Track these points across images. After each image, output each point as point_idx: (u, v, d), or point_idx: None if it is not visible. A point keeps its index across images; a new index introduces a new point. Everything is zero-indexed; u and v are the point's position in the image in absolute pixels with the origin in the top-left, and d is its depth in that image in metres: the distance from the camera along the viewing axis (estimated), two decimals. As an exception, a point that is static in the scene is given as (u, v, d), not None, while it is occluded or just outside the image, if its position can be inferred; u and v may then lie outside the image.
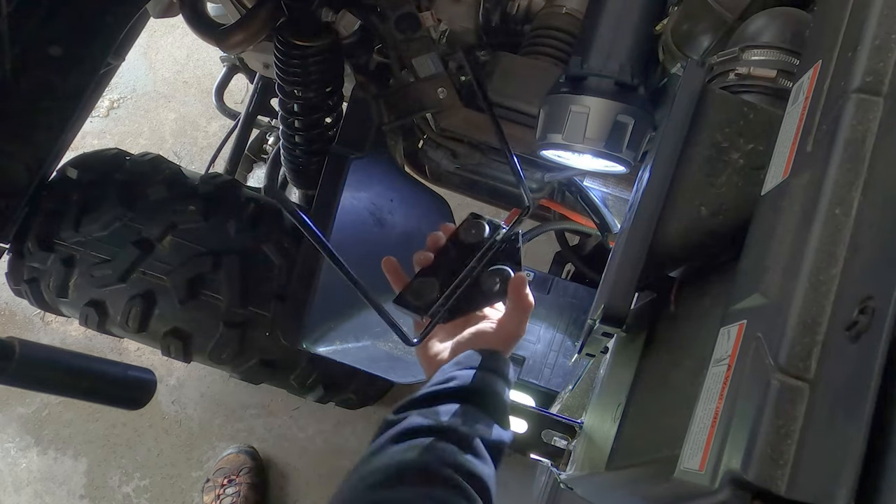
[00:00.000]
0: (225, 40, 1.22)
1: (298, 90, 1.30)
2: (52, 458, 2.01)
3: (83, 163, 1.40)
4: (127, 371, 0.94)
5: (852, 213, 0.49)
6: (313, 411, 1.98)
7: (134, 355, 2.10)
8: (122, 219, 1.31)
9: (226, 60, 1.85)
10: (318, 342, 1.24)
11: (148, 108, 2.51)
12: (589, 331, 0.79)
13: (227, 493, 1.85)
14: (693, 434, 0.54)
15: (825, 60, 0.59)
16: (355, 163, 1.24)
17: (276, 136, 1.79)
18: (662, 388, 0.73)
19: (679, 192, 0.70)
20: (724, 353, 0.55)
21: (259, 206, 1.37)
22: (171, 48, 2.60)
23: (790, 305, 0.48)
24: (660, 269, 0.76)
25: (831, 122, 0.54)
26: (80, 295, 1.33)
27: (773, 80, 0.82)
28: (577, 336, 1.43)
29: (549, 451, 0.99)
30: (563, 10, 1.28)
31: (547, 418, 1.01)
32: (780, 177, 0.60)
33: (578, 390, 1.12)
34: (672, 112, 0.72)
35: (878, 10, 0.54)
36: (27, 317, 2.20)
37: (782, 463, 0.44)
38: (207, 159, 2.00)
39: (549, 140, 1.07)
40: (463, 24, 1.33)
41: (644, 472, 0.66)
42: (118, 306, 1.32)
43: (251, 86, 1.78)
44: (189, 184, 1.38)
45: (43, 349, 0.90)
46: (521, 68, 1.24)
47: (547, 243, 1.74)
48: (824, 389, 0.46)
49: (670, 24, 1.10)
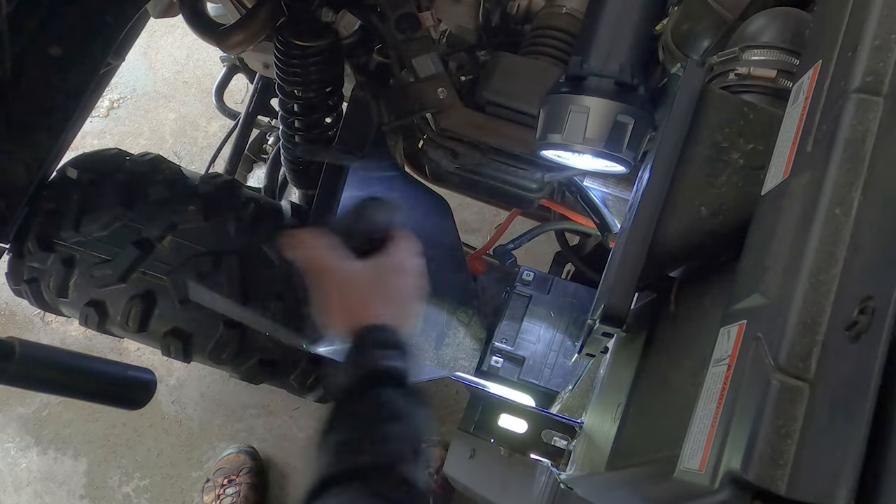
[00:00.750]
0: (225, 40, 1.22)
1: (298, 90, 1.30)
2: (52, 458, 2.01)
3: (83, 163, 1.39)
4: (127, 371, 0.94)
5: (852, 213, 0.49)
6: (313, 411, 1.98)
7: (134, 355, 2.10)
8: (122, 219, 1.31)
9: (226, 60, 1.85)
10: (318, 342, 1.24)
11: (148, 108, 2.51)
12: (589, 331, 0.79)
13: (227, 493, 1.85)
14: (693, 434, 0.54)
15: (825, 60, 0.59)
16: (355, 163, 1.24)
17: (276, 136, 1.79)
18: (662, 388, 0.73)
19: (679, 192, 0.70)
20: (724, 353, 0.55)
21: (259, 206, 1.37)
22: (171, 48, 2.60)
23: (790, 305, 0.48)
24: (660, 269, 0.76)
25: (831, 122, 0.54)
26: (80, 295, 1.33)
27: (773, 80, 0.82)
28: (577, 336, 1.43)
29: (549, 451, 0.99)
30: (563, 10, 1.28)
31: (547, 418, 1.01)
32: (780, 177, 0.60)
33: (578, 390, 1.12)
34: (672, 112, 0.72)
35: (878, 10, 0.54)
36: (27, 317, 2.20)
37: (782, 463, 0.44)
38: (207, 159, 2.00)
39: (549, 140, 1.07)
40: (463, 24, 1.33)
41: (644, 472, 0.66)
42: (118, 306, 1.32)
43: (251, 86, 1.78)
44: (189, 184, 1.38)
45: (43, 349, 0.90)
46: (521, 68, 1.24)
47: (547, 243, 1.74)
48: (824, 389, 0.46)
49: (670, 24, 1.10)
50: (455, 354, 1.40)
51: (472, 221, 2.20)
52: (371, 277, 0.79)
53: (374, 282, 0.79)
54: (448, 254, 1.43)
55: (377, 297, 0.78)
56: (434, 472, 1.81)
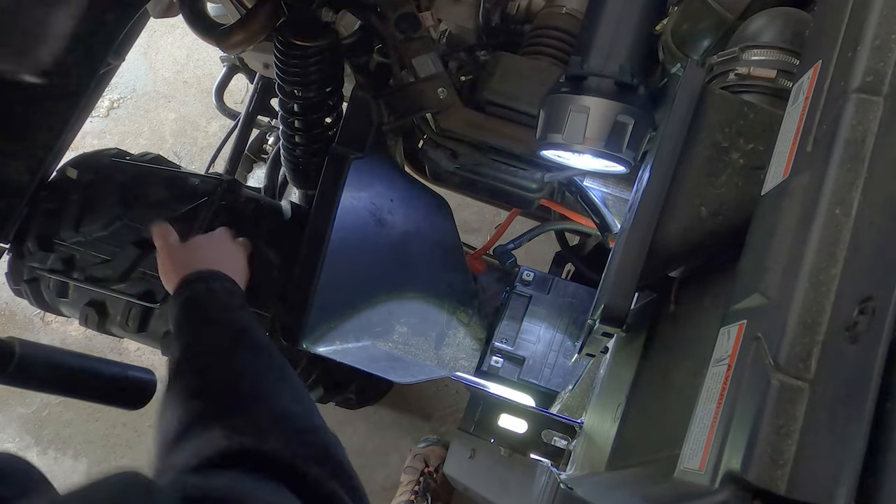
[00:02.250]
0: (225, 40, 1.22)
1: (298, 90, 1.30)
2: (52, 458, 2.01)
3: (83, 163, 1.39)
4: (127, 371, 0.94)
5: (852, 213, 0.49)
6: (313, 411, 1.98)
7: (134, 355, 2.10)
8: (122, 219, 1.31)
9: (226, 60, 1.85)
10: (318, 342, 1.24)
11: (148, 108, 2.51)
12: (589, 331, 0.79)
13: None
14: (693, 434, 0.54)
15: (825, 60, 0.59)
16: (355, 163, 1.24)
17: (276, 136, 1.79)
18: (662, 388, 0.73)
19: (679, 192, 0.70)
20: (724, 353, 0.55)
21: (259, 206, 1.37)
22: (171, 48, 2.60)
23: (790, 305, 0.48)
24: (660, 269, 0.76)
25: (831, 122, 0.54)
26: (80, 295, 1.33)
27: (773, 80, 0.82)
28: (577, 336, 1.43)
29: (549, 451, 0.99)
30: (563, 10, 1.28)
31: (547, 418, 1.01)
32: (780, 177, 0.60)
33: (578, 390, 1.12)
34: (672, 112, 0.72)
35: (878, 10, 0.54)
36: (27, 317, 2.20)
37: (782, 463, 0.44)
38: (207, 159, 2.00)
39: (549, 140, 1.07)
40: (463, 24, 1.33)
41: (644, 472, 0.66)
42: (118, 306, 1.32)
43: (251, 86, 1.78)
44: (189, 184, 1.38)
45: (43, 349, 0.90)
46: (521, 68, 1.24)
47: (547, 243, 1.74)
48: (824, 389, 0.46)
49: (670, 24, 1.10)
50: (455, 354, 1.40)
51: (472, 221, 2.20)
52: (190, 247, 1.13)
53: (193, 249, 1.12)
54: (448, 254, 1.43)
55: (197, 257, 1.08)
56: (434, 472, 1.81)
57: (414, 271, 1.38)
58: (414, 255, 1.38)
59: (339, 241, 1.22)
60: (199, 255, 1.09)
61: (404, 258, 1.37)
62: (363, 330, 1.32)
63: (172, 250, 1.12)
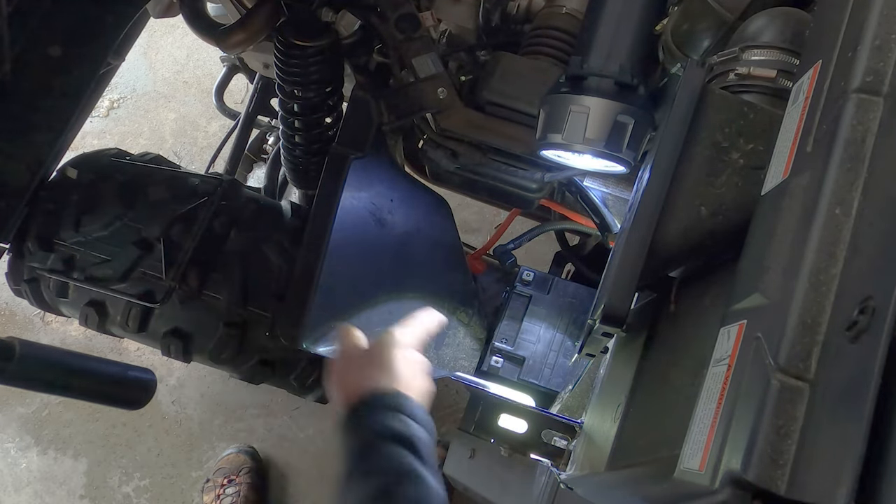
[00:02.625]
0: (225, 40, 1.22)
1: (298, 90, 1.30)
2: (52, 458, 2.01)
3: (83, 163, 1.39)
4: (127, 371, 0.94)
5: (852, 213, 0.49)
6: (313, 411, 1.98)
7: (134, 355, 2.10)
8: (122, 219, 1.31)
9: (226, 60, 1.85)
10: (318, 342, 1.24)
11: (148, 108, 2.51)
12: (589, 331, 0.79)
13: (227, 493, 1.85)
14: (693, 434, 0.54)
15: (825, 60, 0.59)
16: (355, 163, 1.24)
17: (276, 136, 1.79)
18: (662, 388, 0.73)
19: (679, 192, 0.70)
20: (724, 353, 0.55)
21: (259, 206, 1.37)
22: (171, 48, 2.60)
23: (790, 305, 0.48)
24: (660, 269, 0.76)
25: (831, 122, 0.54)
26: (80, 295, 1.33)
27: (773, 80, 0.82)
28: (577, 336, 1.43)
29: (549, 451, 0.99)
30: (563, 10, 1.28)
31: (547, 418, 1.01)
32: (780, 177, 0.60)
33: (578, 390, 1.12)
34: (672, 112, 0.72)
35: (878, 10, 0.54)
36: (27, 317, 2.20)
37: (782, 463, 0.44)
38: (207, 159, 2.00)
39: (549, 140, 1.07)
40: (463, 24, 1.33)
41: (644, 472, 0.66)
42: (118, 306, 1.32)
43: (251, 86, 1.78)
44: (189, 184, 1.38)
45: (43, 349, 0.90)
46: (521, 68, 1.24)
47: (547, 243, 1.74)
48: (824, 389, 0.46)
49: (670, 24, 1.10)
50: (455, 354, 1.40)
51: (472, 221, 2.20)
52: (367, 354, 0.87)
53: (369, 357, 0.85)
54: (448, 254, 1.43)
55: (374, 369, 0.82)
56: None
57: (414, 271, 1.38)
58: (414, 255, 1.38)
59: (339, 242, 1.22)
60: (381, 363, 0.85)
61: (404, 258, 1.37)
62: (363, 330, 1.31)
63: (351, 355, 0.90)
